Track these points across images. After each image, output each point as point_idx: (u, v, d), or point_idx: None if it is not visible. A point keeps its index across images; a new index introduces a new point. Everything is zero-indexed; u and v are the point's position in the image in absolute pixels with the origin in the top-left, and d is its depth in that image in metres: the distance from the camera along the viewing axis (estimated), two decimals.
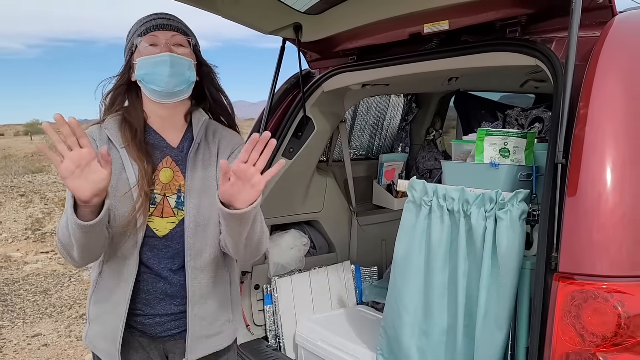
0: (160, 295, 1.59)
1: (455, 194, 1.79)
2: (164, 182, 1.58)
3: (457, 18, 1.92)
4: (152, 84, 1.52)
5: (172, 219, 1.57)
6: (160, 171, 1.58)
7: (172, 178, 1.59)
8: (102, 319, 1.59)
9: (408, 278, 1.88)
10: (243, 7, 2.16)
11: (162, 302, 1.59)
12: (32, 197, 11.61)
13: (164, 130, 1.63)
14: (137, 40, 1.55)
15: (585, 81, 1.47)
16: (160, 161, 1.59)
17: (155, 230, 1.56)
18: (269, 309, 2.70)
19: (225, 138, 1.69)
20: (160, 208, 1.56)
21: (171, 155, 1.61)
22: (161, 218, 1.57)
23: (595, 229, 1.34)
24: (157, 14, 1.60)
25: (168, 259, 1.58)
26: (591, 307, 1.31)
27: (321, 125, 2.68)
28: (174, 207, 1.58)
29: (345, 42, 2.41)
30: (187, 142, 1.64)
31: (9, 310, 5.14)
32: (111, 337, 1.56)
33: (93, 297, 1.61)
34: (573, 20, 1.45)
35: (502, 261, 1.65)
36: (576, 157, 1.40)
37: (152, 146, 1.60)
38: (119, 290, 1.56)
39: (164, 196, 1.57)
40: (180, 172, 1.60)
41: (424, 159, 3.46)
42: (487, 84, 3.20)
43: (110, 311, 1.57)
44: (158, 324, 1.60)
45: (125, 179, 1.53)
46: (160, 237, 1.56)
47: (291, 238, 2.82)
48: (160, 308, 1.59)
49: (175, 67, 1.51)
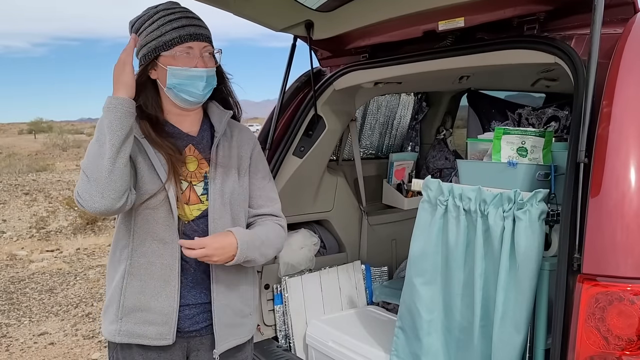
0: (190, 283, 1.63)
1: (472, 193, 1.76)
2: (190, 169, 1.65)
3: (473, 15, 1.90)
4: (185, 94, 1.59)
5: (199, 205, 1.64)
6: (185, 158, 1.64)
7: (197, 166, 1.66)
8: (146, 305, 1.59)
9: (425, 276, 1.86)
10: (255, 4, 2.14)
11: (192, 290, 1.64)
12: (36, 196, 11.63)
13: (181, 123, 1.69)
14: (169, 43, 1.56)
15: (608, 79, 1.44)
16: (183, 149, 1.65)
17: (181, 216, 1.61)
18: (279, 309, 2.69)
19: (242, 133, 1.80)
20: (187, 195, 1.63)
21: (193, 144, 1.68)
22: (187, 205, 1.62)
23: (619, 229, 1.31)
24: (187, 17, 1.61)
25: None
26: (616, 309, 1.28)
27: (332, 123, 2.65)
28: (200, 195, 1.64)
29: (357, 39, 2.39)
30: (206, 132, 1.72)
31: (15, 308, 5.13)
32: (162, 318, 1.58)
33: (127, 290, 1.59)
34: (595, 17, 1.42)
35: (521, 262, 1.63)
36: (599, 156, 1.37)
37: (173, 136, 1.65)
38: (162, 273, 1.58)
39: (190, 184, 1.64)
40: (205, 160, 1.67)
41: (434, 158, 3.44)
42: (498, 83, 3.17)
43: (157, 295, 1.58)
44: (187, 316, 1.63)
45: (150, 166, 1.57)
46: (186, 223, 1.62)
47: (301, 237, 2.80)
48: (190, 297, 1.63)
49: (208, 80, 1.60)
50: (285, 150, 2.56)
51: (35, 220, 9.17)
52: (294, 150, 2.59)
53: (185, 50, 1.57)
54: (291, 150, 2.58)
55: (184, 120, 1.68)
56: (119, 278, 1.60)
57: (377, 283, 3.02)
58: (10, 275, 6.22)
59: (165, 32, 1.56)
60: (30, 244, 7.74)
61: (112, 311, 1.62)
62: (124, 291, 1.59)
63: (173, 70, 1.56)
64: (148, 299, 1.58)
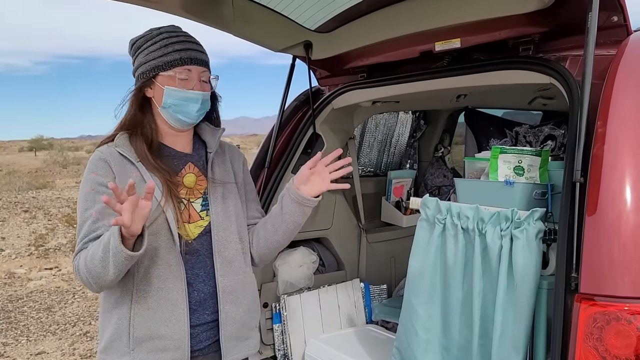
0: (194, 305, 1.62)
1: (470, 212, 1.77)
2: (189, 186, 1.67)
3: (469, 36, 1.93)
4: (180, 114, 1.62)
5: (200, 222, 1.65)
6: (183, 176, 1.67)
7: (195, 182, 1.68)
8: (157, 332, 1.57)
9: (423, 295, 1.86)
10: (254, 25, 2.17)
11: (196, 312, 1.63)
12: (35, 213, 11.61)
13: (175, 143, 1.71)
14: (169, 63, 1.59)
15: (602, 99, 1.46)
16: (183, 167, 1.68)
17: (185, 235, 1.62)
18: (278, 328, 2.67)
19: (232, 150, 1.88)
20: (187, 213, 1.64)
21: (192, 161, 1.71)
22: (188, 223, 1.63)
23: (616, 248, 1.32)
24: (189, 41, 1.65)
25: (200, 262, 1.64)
26: (614, 328, 1.28)
27: (331, 141, 2.67)
28: (200, 211, 1.66)
29: (355, 59, 2.42)
30: (200, 150, 1.76)
31: (13, 327, 5.10)
32: (175, 343, 1.57)
33: (136, 320, 1.56)
34: (589, 39, 1.44)
35: (519, 280, 1.63)
36: (595, 175, 1.39)
37: (167, 155, 1.67)
38: (169, 297, 1.57)
39: (188, 201, 1.65)
40: (203, 176, 1.71)
41: (433, 175, 3.45)
42: (496, 101, 3.19)
43: (166, 320, 1.57)
44: (192, 336, 1.62)
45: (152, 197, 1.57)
46: (190, 242, 1.63)
47: (300, 255, 2.80)
48: (195, 318, 1.62)
49: (203, 104, 1.64)
50: (284, 169, 2.58)
51: (34, 238, 9.15)
52: (293, 168, 2.60)
53: (184, 73, 1.60)
54: (290, 168, 2.59)
55: (177, 141, 1.71)
56: (125, 309, 1.56)
57: (376, 301, 3.00)
58: (8, 294, 6.19)
59: (167, 53, 1.59)
60: (29, 262, 7.72)
61: (121, 344, 1.57)
62: (132, 322, 1.56)
63: (170, 91, 1.59)
64: (159, 326, 1.56)
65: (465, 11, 1.81)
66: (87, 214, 1.54)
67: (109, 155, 1.60)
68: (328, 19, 2.21)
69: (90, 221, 1.52)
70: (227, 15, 2.06)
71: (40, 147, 38.45)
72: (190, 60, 1.61)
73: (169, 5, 1.85)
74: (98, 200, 1.52)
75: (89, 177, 1.59)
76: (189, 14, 1.92)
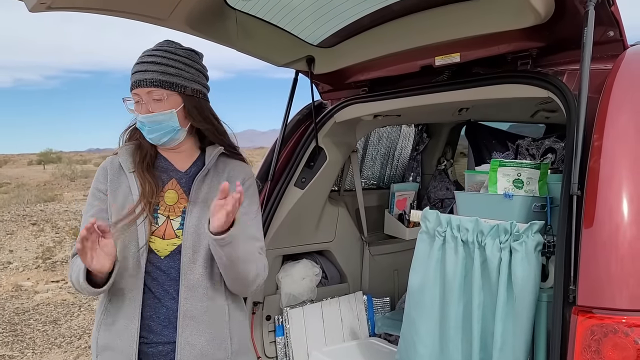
0: (164, 321, 1.60)
1: (469, 224, 1.78)
2: (169, 203, 1.65)
3: (468, 50, 1.95)
4: (147, 136, 1.64)
5: (174, 240, 1.62)
6: (165, 192, 1.65)
7: (176, 200, 1.65)
8: (112, 344, 1.59)
9: (423, 309, 1.86)
10: (257, 40, 2.21)
11: (166, 329, 1.60)
12: (43, 226, 11.68)
13: (174, 158, 1.72)
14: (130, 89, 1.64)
15: (599, 113, 1.48)
16: (166, 183, 1.67)
17: (157, 251, 1.60)
18: (281, 341, 2.68)
19: (236, 169, 1.75)
20: (163, 229, 1.62)
21: (176, 178, 1.68)
22: (162, 239, 1.61)
23: (614, 261, 1.33)
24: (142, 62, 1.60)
25: (170, 280, 1.60)
26: (611, 341, 1.28)
27: (333, 155, 2.70)
28: (176, 229, 1.63)
29: (356, 74, 2.45)
30: (195, 168, 1.71)
31: (19, 340, 5.12)
32: (125, 358, 1.56)
33: (102, 325, 1.61)
34: (584, 54, 1.47)
35: (518, 293, 1.63)
36: (592, 188, 1.40)
37: (160, 169, 1.69)
38: (127, 313, 1.58)
39: (167, 218, 1.63)
40: (185, 194, 1.66)
41: (435, 188, 3.46)
42: (498, 114, 3.21)
43: (121, 333, 1.57)
44: (161, 353, 1.59)
45: (132, 200, 1.61)
46: (162, 258, 1.60)
47: (303, 268, 2.81)
48: (163, 335, 1.59)
49: (152, 125, 1.60)
50: (286, 182, 2.60)
51: (41, 251, 9.19)
52: (296, 182, 2.63)
53: (136, 97, 1.62)
54: (292, 181, 2.62)
55: (175, 157, 1.72)
56: (99, 317, 1.63)
57: (379, 314, 3.00)
58: (15, 307, 6.22)
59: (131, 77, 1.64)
60: (35, 275, 7.75)
61: (93, 349, 1.64)
62: (99, 329, 1.61)
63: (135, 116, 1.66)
64: (114, 336, 1.58)
65: (464, 26, 1.84)
66: (85, 217, 1.65)
67: (110, 164, 1.70)
68: (330, 34, 2.25)
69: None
70: (231, 31, 2.10)
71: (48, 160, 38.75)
72: (135, 84, 1.59)
73: (175, 22, 1.89)
74: (94, 205, 1.65)
75: (93, 183, 1.70)
76: (194, 30, 1.95)
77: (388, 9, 2.00)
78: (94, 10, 1.70)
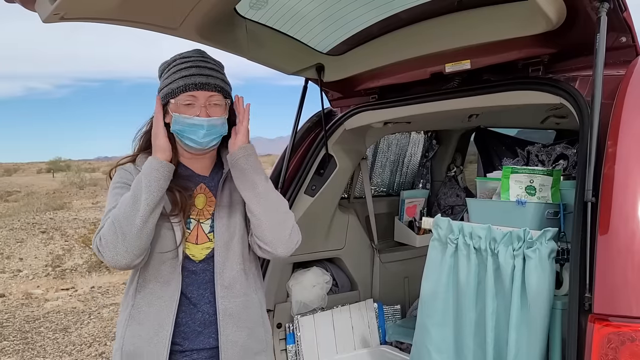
0: (199, 327, 1.62)
1: (482, 232, 1.77)
2: (199, 207, 1.68)
3: (479, 57, 1.95)
4: (187, 140, 1.63)
5: (208, 243, 1.66)
6: (195, 197, 1.68)
7: (205, 203, 1.69)
8: (140, 351, 1.58)
9: (436, 317, 1.85)
10: (267, 49, 2.22)
11: (200, 335, 1.62)
12: (52, 234, 11.74)
13: (193, 164, 1.73)
14: (175, 91, 1.61)
15: (613, 119, 1.47)
16: (194, 188, 1.69)
17: (192, 256, 1.63)
18: (292, 348, 2.67)
19: None
20: (195, 234, 1.65)
21: (204, 182, 1.72)
22: (196, 244, 1.64)
23: (630, 268, 1.31)
24: (198, 66, 1.64)
25: (206, 283, 1.63)
26: (628, 349, 1.27)
27: (343, 162, 2.70)
28: (207, 233, 1.66)
29: (366, 81, 2.45)
30: (218, 173, 1.75)
31: (30, 348, 5.14)
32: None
33: (127, 334, 1.60)
34: (597, 60, 1.46)
35: (532, 300, 1.62)
36: (606, 195, 1.39)
37: (183, 177, 1.69)
38: (158, 318, 1.58)
39: (198, 222, 1.66)
40: (214, 197, 1.70)
41: (445, 195, 3.45)
42: (508, 121, 3.20)
43: (150, 340, 1.57)
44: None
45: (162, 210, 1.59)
46: (197, 262, 1.63)
47: (313, 275, 2.80)
48: (199, 342, 1.62)
49: (210, 129, 1.62)
50: (297, 189, 2.60)
51: (51, 259, 9.24)
52: (306, 189, 2.63)
53: (189, 99, 1.61)
54: (303, 189, 2.62)
55: (196, 163, 1.73)
56: (124, 322, 1.62)
57: (390, 322, 2.99)
58: (25, 315, 6.24)
59: (174, 81, 1.62)
60: (45, 283, 7.79)
61: (116, 358, 1.63)
62: (124, 335, 1.60)
63: (176, 117, 1.62)
64: (143, 343, 1.58)
65: (474, 33, 1.84)
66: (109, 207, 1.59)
67: (133, 170, 1.67)
68: (339, 42, 2.26)
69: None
70: (241, 39, 2.11)
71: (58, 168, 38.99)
72: (194, 86, 1.60)
73: (185, 31, 1.90)
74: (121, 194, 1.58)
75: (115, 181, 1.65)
76: (205, 39, 1.97)
77: (397, 17, 2.01)
78: (106, 21, 1.71)
